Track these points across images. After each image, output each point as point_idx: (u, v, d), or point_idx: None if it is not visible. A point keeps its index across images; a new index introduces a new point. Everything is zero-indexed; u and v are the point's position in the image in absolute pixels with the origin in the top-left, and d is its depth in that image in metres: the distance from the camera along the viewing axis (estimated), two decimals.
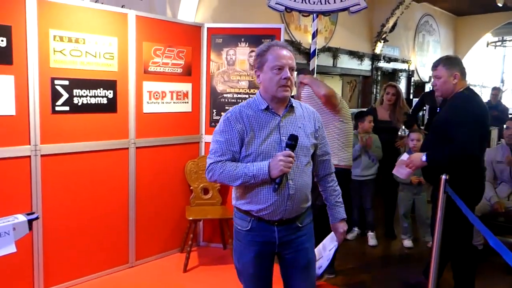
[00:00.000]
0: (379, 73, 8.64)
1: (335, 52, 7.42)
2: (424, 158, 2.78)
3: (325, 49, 7.24)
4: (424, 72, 10.18)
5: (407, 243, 4.22)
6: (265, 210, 1.89)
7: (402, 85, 9.46)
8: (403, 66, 9.37)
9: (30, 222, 1.51)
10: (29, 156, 2.86)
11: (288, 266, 2.01)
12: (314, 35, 4.39)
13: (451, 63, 2.81)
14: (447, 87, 2.82)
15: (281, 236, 1.94)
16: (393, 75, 9.08)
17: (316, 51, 4.54)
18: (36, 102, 2.85)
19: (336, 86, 10.12)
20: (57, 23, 2.91)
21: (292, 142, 1.81)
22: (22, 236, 1.47)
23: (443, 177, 2.48)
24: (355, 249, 4.13)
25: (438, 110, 3.37)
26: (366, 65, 8.27)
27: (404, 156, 3.07)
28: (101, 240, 3.31)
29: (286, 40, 6.19)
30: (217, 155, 1.89)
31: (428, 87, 9.87)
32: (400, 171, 3.08)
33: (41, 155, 2.91)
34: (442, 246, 2.57)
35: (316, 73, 4.45)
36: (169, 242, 3.79)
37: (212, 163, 1.90)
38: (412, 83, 9.70)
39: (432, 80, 2.94)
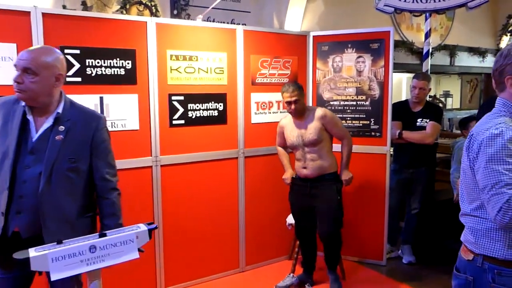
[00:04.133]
0: None
1: (452, 50, 6.89)
2: None
3: (441, 47, 6.77)
4: None
5: None
6: None
7: None
8: None
9: (150, 231, 1.65)
10: (151, 167, 3.14)
11: None
12: (427, 36, 4.14)
13: None
14: None
15: None
16: None
17: (430, 51, 4.27)
18: (156, 117, 3.13)
19: (454, 86, 9.37)
20: (173, 43, 3.16)
21: None
22: (143, 244, 1.62)
23: None
24: None
25: None
26: (489, 62, 7.51)
27: None
28: (214, 245, 3.50)
29: (397, 41, 5.92)
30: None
31: None
32: None
33: (161, 165, 3.18)
34: None
35: (431, 73, 4.19)
36: (277, 249, 3.86)
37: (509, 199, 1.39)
38: None
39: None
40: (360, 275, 3.60)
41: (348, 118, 3.75)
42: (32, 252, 1.43)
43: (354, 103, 3.72)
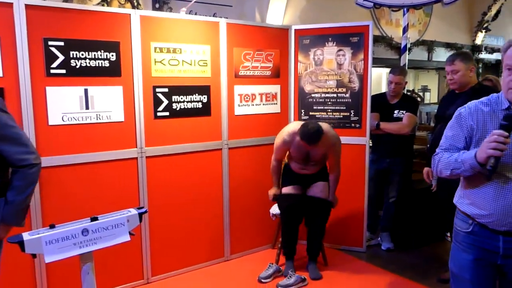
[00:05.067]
0: (480, 65, 8.03)
1: (430, 45, 7.07)
2: None
3: (419, 43, 6.94)
4: None
5: None
6: (487, 218, 1.72)
7: None
8: None
9: (140, 215, 1.71)
10: (136, 158, 3.18)
11: (510, 284, 1.80)
12: (404, 30, 4.27)
13: (467, 57, 3.11)
14: (465, 80, 3.08)
15: (507, 248, 1.72)
16: (496, 67, 8.38)
17: (408, 46, 4.41)
18: (141, 109, 3.16)
19: (432, 80, 9.59)
20: (157, 36, 3.19)
21: (507, 122, 1.59)
22: (134, 227, 1.68)
23: None
24: None
25: None
26: None
27: None
28: (200, 235, 3.57)
29: (376, 36, 6.05)
30: (441, 148, 1.87)
31: None
32: None
33: (146, 157, 3.22)
34: None
35: (409, 68, 4.32)
36: (261, 238, 3.95)
37: (434, 155, 1.88)
38: None
39: (449, 74, 3.13)
40: (341, 261, 3.71)
41: (329, 110, 3.85)
42: (26, 236, 1.48)
43: (335, 95, 3.83)
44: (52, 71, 2.81)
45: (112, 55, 3.01)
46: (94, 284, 1.63)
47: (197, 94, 3.42)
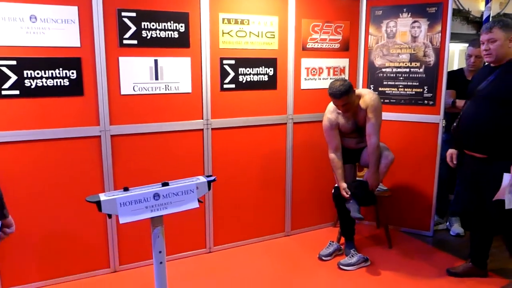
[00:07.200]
0: None
1: None
2: None
3: (501, 17, 6.36)
4: None
5: None
6: None
7: None
8: None
9: (209, 183, 1.72)
10: (202, 130, 3.22)
11: None
12: (488, 0, 3.91)
13: (509, 25, 2.60)
14: (503, 52, 2.62)
15: None
16: None
17: (490, 19, 4.05)
18: (208, 81, 3.17)
19: None
20: (225, 6, 3.16)
21: None
22: (202, 194, 1.69)
23: None
24: None
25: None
26: None
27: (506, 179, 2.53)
28: (261, 208, 3.58)
29: (453, 9, 5.62)
30: None
31: None
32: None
33: (212, 129, 3.24)
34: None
35: None
36: (322, 215, 3.89)
37: None
38: None
39: (484, 44, 2.67)
40: (406, 245, 3.57)
41: (401, 86, 3.65)
42: (103, 197, 1.53)
43: (407, 70, 3.61)
44: (124, 41, 2.88)
45: (181, 26, 3.03)
46: (164, 247, 1.67)
47: (263, 67, 3.37)
